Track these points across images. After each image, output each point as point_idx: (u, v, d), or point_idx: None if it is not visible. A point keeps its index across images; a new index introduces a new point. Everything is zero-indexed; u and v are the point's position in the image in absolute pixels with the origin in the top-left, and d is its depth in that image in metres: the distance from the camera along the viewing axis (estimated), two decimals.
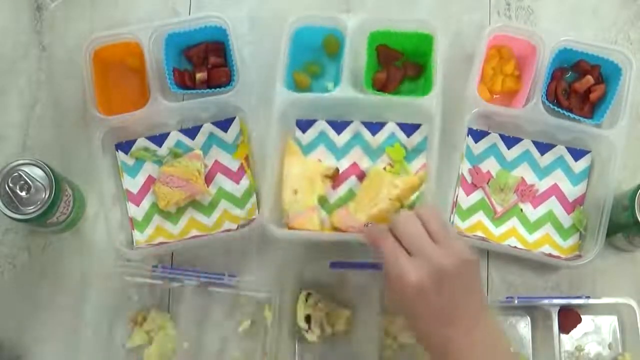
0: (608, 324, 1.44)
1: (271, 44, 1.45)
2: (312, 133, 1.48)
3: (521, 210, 1.47)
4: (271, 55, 1.44)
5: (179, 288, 1.40)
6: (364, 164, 1.47)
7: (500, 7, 1.56)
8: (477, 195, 1.48)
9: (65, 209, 1.36)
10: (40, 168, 1.31)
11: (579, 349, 1.43)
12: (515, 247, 1.44)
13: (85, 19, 1.49)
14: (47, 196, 1.30)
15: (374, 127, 1.47)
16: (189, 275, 1.39)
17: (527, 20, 1.56)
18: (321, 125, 1.48)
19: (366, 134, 1.47)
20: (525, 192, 1.47)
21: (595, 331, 1.44)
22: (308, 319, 1.38)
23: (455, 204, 1.45)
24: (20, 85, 1.50)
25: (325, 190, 1.44)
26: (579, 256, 1.42)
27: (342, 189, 1.46)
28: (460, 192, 1.47)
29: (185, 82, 1.48)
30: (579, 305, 1.41)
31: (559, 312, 1.39)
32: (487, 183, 1.48)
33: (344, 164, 1.47)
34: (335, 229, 1.41)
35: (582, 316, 1.42)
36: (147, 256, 1.42)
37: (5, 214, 1.29)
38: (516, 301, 1.39)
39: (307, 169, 1.43)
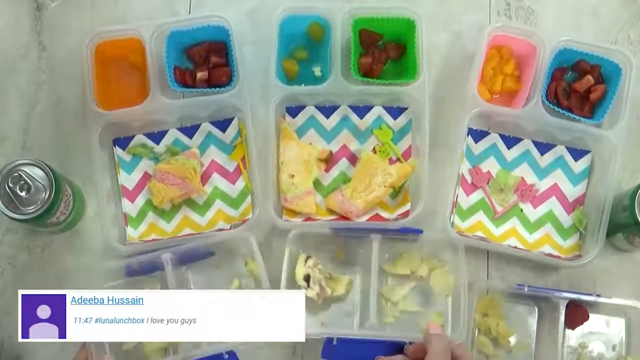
0: (615, 325, 1.44)
1: (268, 41, 1.46)
2: (301, 118, 1.50)
3: (521, 210, 1.47)
4: (269, 52, 1.45)
5: (159, 274, 1.40)
6: (353, 146, 1.50)
7: (500, 7, 1.56)
8: (477, 195, 1.48)
9: (65, 209, 1.36)
10: (40, 168, 1.31)
11: (583, 346, 1.43)
12: (515, 247, 1.44)
13: (85, 19, 1.49)
14: (47, 196, 1.30)
15: (361, 111, 1.49)
16: (162, 252, 1.37)
17: (527, 20, 1.56)
18: (310, 110, 1.49)
19: (354, 117, 1.49)
20: (526, 192, 1.47)
21: (602, 331, 1.44)
22: (307, 278, 1.38)
23: (455, 204, 1.45)
24: (20, 85, 1.50)
25: (319, 173, 1.47)
26: (579, 256, 1.42)
27: (334, 172, 1.49)
28: (460, 192, 1.47)
29: (185, 80, 1.48)
30: (588, 303, 1.41)
31: (567, 306, 1.39)
32: (487, 183, 1.48)
33: (334, 147, 1.49)
34: (332, 212, 1.45)
35: (590, 314, 1.42)
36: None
37: (5, 214, 1.30)
38: (526, 289, 1.39)
39: (302, 153, 1.46)
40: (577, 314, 1.41)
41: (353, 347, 1.35)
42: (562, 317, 1.38)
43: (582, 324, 1.42)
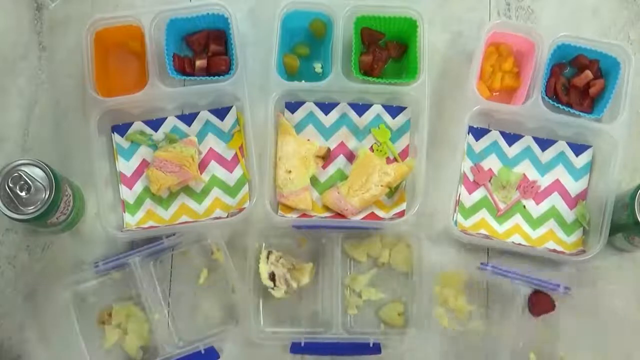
0: None
1: (269, 35, 1.46)
2: (300, 113, 1.50)
3: (524, 206, 1.47)
4: (270, 47, 1.45)
5: (128, 271, 1.40)
6: (351, 143, 1.50)
7: (500, 7, 1.57)
8: (479, 193, 1.48)
9: (65, 209, 1.36)
10: (40, 168, 1.31)
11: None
12: (519, 244, 1.43)
13: (85, 19, 1.47)
14: (47, 196, 1.30)
15: (361, 109, 1.50)
16: (130, 255, 1.39)
17: (527, 20, 1.56)
18: (309, 106, 1.50)
19: (353, 115, 1.50)
20: (528, 188, 1.47)
21: None
22: (272, 276, 1.39)
23: (458, 202, 1.45)
24: (20, 85, 1.51)
25: (316, 169, 1.48)
26: (583, 251, 1.41)
27: (332, 169, 1.49)
28: (463, 191, 1.47)
29: (184, 68, 1.49)
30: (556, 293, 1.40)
31: (533, 293, 1.38)
32: (489, 180, 1.48)
33: (331, 144, 1.50)
34: (327, 209, 1.46)
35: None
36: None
37: (5, 214, 1.29)
38: (489, 269, 1.38)
39: (300, 148, 1.46)
40: (541, 302, 1.39)
41: (320, 348, 1.41)
42: (523, 303, 1.37)
43: (546, 312, 1.40)
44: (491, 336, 1.42)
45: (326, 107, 1.49)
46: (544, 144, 1.48)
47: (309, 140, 1.48)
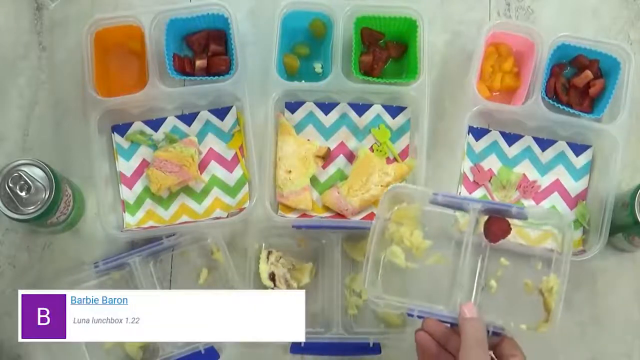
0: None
1: (269, 35, 1.46)
2: (300, 114, 1.50)
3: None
4: (270, 47, 1.46)
5: (128, 271, 1.40)
6: (351, 143, 1.50)
7: (500, 7, 1.56)
8: (479, 193, 1.48)
9: (65, 209, 1.36)
10: (40, 168, 1.31)
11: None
12: (519, 243, 1.42)
13: (85, 19, 1.47)
14: (47, 196, 1.30)
15: (360, 109, 1.50)
16: (130, 255, 1.39)
17: (527, 20, 1.56)
18: (309, 106, 1.50)
19: (353, 115, 1.50)
20: (528, 188, 1.47)
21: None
22: (272, 276, 1.39)
23: None
24: (20, 85, 1.50)
25: (316, 169, 1.48)
26: (583, 251, 1.41)
27: (332, 169, 1.50)
28: (463, 190, 1.47)
29: (184, 68, 1.49)
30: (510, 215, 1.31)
31: (488, 218, 1.30)
32: (489, 180, 1.48)
33: (331, 144, 1.50)
34: (327, 209, 1.46)
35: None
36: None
37: (5, 214, 1.29)
38: (440, 197, 1.28)
39: (300, 149, 1.47)
40: (497, 226, 1.31)
41: (320, 348, 1.40)
42: (480, 228, 1.31)
43: (503, 236, 1.32)
44: (450, 268, 1.35)
45: (326, 107, 1.49)
46: (544, 144, 1.48)
47: (309, 140, 1.49)
